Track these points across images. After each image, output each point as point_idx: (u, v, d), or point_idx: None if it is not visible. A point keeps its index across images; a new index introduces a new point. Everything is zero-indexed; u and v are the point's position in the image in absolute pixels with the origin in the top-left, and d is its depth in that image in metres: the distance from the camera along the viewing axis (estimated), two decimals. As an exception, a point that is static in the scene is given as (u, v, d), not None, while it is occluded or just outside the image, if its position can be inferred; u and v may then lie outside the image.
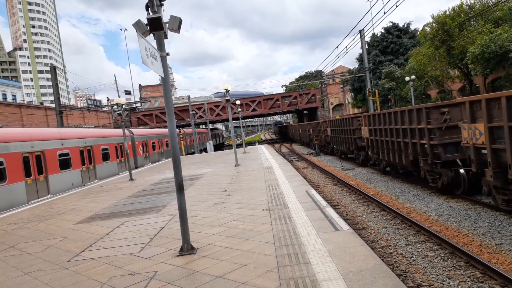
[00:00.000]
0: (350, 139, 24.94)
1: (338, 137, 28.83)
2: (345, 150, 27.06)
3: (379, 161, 19.96)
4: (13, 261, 7.72)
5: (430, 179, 14.21)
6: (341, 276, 5.23)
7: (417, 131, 14.15)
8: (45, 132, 20.86)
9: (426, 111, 13.34)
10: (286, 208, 9.63)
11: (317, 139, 38.40)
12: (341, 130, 27.60)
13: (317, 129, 38.68)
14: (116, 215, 11.35)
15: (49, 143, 19.19)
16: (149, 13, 6.47)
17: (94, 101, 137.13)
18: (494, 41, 27.09)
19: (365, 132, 21.05)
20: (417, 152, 14.40)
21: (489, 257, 7.77)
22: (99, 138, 25.20)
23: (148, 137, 36.62)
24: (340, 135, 27.91)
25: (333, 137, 31.43)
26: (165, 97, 7.06)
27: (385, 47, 55.20)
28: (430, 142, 13.25)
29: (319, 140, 37.82)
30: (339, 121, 28.27)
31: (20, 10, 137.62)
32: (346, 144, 26.05)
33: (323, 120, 37.59)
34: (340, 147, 28.58)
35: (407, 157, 15.40)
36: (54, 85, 36.63)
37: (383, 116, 17.71)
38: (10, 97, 73.74)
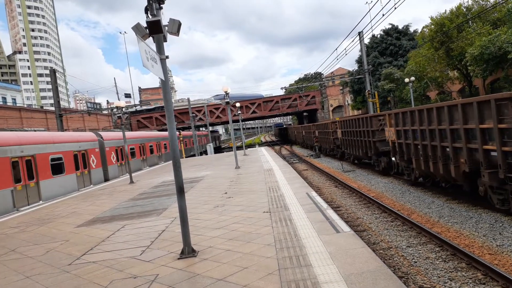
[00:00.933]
0: (367, 142, 20.90)
1: (351, 140, 24.63)
2: (360, 155, 22.97)
3: (409, 171, 16.35)
4: (14, 265, 7.71)
5: (497, 199, 10.27)
6: (342, 278, 5.22)
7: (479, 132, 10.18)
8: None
9: (497, 104, 9.36)
10: (286, 210, 9.62)
11: (317, 141, 38.38)
12: (355, 132, 23.34)
13: (324, 130, 35.29)
14: (117, 218, 11.34)
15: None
16: (148, 16, 6.49)
17: (94, 104, 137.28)
18: (493, 42, 27.14)
19: (391, 134, 17.49)
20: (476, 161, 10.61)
21: (491, 258, 7.76)
22: (47, 144, 19.06)
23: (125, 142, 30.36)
24: (354, 138, 23.62)
25: (344, 140, 26.97)
26: (164, 100, 7.07)
27: (384, 49, 55.31)
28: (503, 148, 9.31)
29: (327, 143, 34.34)
30: (353, 122, 24.07)
31: (20, 14, 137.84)
32: (363, 148, 21.87)
33: (332, 121, 34.62)
34: (354, 152, 24.64)
35: (458, 167, 11.55)
36: (54, 89, 36.66)
37: (419, 113, 13.79)
38: (10, 101, 73.73)
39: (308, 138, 46.69)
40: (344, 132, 26.75)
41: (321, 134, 37.28)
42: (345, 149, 27.51)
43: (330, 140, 32.93)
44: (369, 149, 20.98)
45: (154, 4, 6.50)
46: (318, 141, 38.60)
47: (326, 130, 34.71)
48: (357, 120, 23.25)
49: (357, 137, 23.06)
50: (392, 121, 16.91)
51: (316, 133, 39.36)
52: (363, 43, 40.54)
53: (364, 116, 21.60)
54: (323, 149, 37.78)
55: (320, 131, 38.00)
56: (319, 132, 38.19)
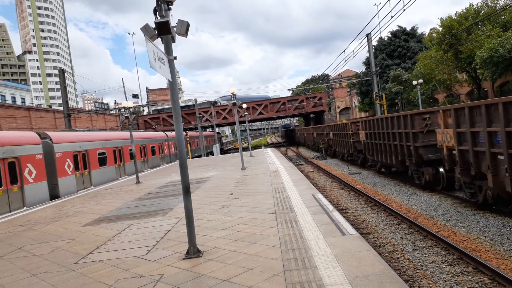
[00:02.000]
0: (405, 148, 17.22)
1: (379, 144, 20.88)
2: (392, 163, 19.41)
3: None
4: (21, 263, 7.78)
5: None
6: (347, 281, 5.20)
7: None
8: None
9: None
10: (292, 212, 9.60)
11: (324, 142, 38.26)
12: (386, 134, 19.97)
13: (342, 132, 30.16)
14: (123, 218, 11.40)
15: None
16: (157, 17, 6.52)
17: (102, 104, 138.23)
18: (502, 45, 26.92)
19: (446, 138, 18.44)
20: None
21: (498, 263, 7.69)
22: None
23: (90, 145, 22.98)
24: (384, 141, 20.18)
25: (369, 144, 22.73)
26: (172, 101, 7.10)
27: (392, 51, 55.09)
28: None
29: (345, 147, 29.48)
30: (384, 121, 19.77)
31: (30, 14, 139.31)
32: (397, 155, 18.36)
33: (353, 121, 29.80)
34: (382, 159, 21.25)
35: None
36: (63, 88, 36.96)
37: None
38: (19, 100, 74.52)
39: (320, 140, 41.41)
40: (370, 135, 22.00)
41: (337, 136, 32.33)
42: (369, 155, 22.77)
43: (349, 144, 27.73)
44: (408, 156, 16.45)
45: (163, 5, 6.54)
46: (331, 144, 36.06)
47: (344, 132, 29.32)
48: (390, 119, 18.39)
49: (389, 141, 18.61)
50: (450, 119, 12.46)
51: (331, 135, 35.43)
52: (371, 45, 40.40)
53: (401, 114, 17.30)
54: (338, 153, 33.44)
55: (335, 133, 33.06)
56: (334, 134, 33.35)
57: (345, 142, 29.37)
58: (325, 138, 37.98)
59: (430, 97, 41.24)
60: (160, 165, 36.37)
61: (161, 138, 39.62)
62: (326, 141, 37.43)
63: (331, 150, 36.39)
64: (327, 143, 35.36)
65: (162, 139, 39.58)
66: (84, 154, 22.22)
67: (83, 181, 21.90)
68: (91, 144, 23.28)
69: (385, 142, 19.16)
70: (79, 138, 22.18)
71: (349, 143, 27.53)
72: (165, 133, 42.84)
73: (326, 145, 36.62)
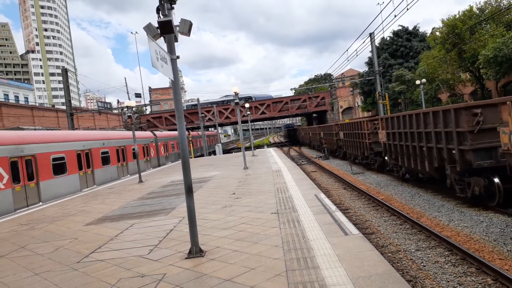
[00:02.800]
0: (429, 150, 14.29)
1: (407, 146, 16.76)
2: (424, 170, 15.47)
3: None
4: (23, 262, 7.80)
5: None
6: (350, 281, 5.18)
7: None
8: None
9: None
10: (295, 212, 9.59)
11: (326, 142, 38.18)
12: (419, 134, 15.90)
13: (354, 131, 26.27)
14: (126, 217, 11.41)
15: None
16: (159, 17, 6.52)
17: (105, 104, 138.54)
18: (506, 44, 26.80)
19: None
20: None
21: (501, 263, 7.65)
22: None
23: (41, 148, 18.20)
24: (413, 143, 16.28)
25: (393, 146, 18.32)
26: (175, 100, 7.10)
27: (394, 50, 54.95)
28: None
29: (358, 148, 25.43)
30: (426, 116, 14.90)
31: (33, 14, 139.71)
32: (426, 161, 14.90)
33: (370, 118, 24.57)
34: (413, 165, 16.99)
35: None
36: (66, 88, 37.05)
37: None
38: (22, 99, 74.73)
39: (331, 141, 36.22)
40: (392, 134, 17.95)
41: (349, 137, 28.47)
42: (391, 158, 18.77)
43: (363, 145, 24.00)
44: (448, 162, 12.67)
45: (165, 4, 6.53)
46: (340, 145, 33.23)
47: (357, 132, 25.31)
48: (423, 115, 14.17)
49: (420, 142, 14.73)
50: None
51: (341, 134, 31.54)
52: (374, 44, 40.31)
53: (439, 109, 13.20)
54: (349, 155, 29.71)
55: (347, 133, 29.07)
56: (346, 134, 29.56)
57: (359, 143, 25.18)
58: (333, 138, 34.35)
59: (433, 96, 41.11)
60: (145, 170, 30.22)
61: (147, 138, 33.99)
62: (335, 141, 33.94)
63: (340, 152, 32.97)
64: (336, 144, 31.91)
65: (148, 140, 33.86)
66: (29, 160, 17.31)
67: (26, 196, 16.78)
68: (43, 147, 18.45)
69: (414, 144, 15.41)
70: (20, 140, 17.15)
71: (364, 144, 23.77)
72: (153, 132, 37.86)
73: (335, 146, 33.36)
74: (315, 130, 52.12)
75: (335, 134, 33.11)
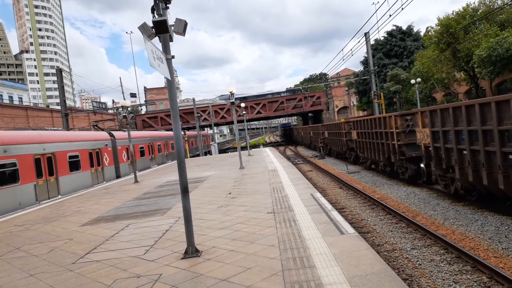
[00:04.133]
0: None
1: None
2: None
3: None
4: (18, 263, 7.75)
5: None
6: (346, 280, 5.19)
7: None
8: None
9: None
10: (291, 211, 9.60)
11: (322, 141, 38.26)
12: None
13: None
14: (121, 218, 11.37)
15: None
16: (154, 16, 6.49)
17: (100, 104, 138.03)
18: (500, 44, 26.96)
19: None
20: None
21: (496, 261, 7.70)
22: None
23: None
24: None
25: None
26: (170, 100, 7.08)
27: (389, 50, 55.14)
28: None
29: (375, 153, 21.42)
30: None
31: (27, 14, 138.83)
32: None
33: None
34: None
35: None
36: (60, 88, 36.86)
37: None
38: (17, 99, 74.33)
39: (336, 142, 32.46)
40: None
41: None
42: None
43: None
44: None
45: (160, 3, 6.51)
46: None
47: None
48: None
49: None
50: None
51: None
52: (369, 44, 40.42)
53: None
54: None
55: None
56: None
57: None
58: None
59: (428, 96, 41.29)
60: (91, 185, 22.60)
61: (98, 141, 24.76)
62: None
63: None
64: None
65: (99, 144, 24.66)
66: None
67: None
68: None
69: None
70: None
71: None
72: (110, 133, 27.77)
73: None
74: (306, 130, 51.81)
75: (345, 133, 29.82)
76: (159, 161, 37.97)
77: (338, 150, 31.03)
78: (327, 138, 36.56)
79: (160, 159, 38.35)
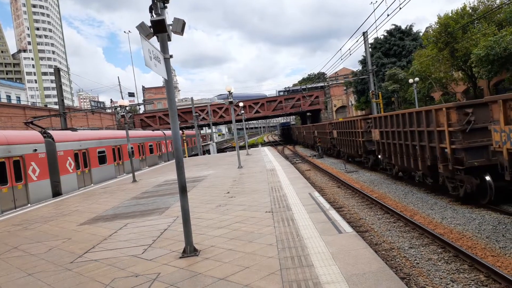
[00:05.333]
0: None
1: None
2: None
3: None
4: (16, 262, 7.74)
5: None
6: (344, 279, 5.21)
7: None
8: None
9: None
10: (289, 211, 9.61)
11: (320, 141, 38.25)
12: None
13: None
14: (119, 217, 11.37)
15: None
16: (152, 16, 6.49)
17: (98, 103, 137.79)
18: (498, 43, 27.00)
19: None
20: None
21: (493, 260, 7.72)
22: None
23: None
24: None
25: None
26: (168, 99, 7.08)
27: (387, 49, 55.19)
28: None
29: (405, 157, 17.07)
30: None
31: (25, 13, 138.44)
32: None
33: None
34: None
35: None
36: (58, 87, 36.76)
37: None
38: (14, 99, 74.18)
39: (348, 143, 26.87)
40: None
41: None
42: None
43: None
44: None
45: (158, 3, 6.51)
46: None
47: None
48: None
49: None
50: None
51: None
52: (368, 43, 40.45)
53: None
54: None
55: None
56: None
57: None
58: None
59: (426, 95, 41.34)
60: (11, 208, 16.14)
61: (17, 146, 17.17)
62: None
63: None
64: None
65: (20, 149, 17.23)
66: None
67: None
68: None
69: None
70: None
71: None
72: (46, 133, 20.58)
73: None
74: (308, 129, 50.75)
75: (329, 133, 28.63)
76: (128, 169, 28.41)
77: (350, 153, 25.55)
78: (335, 138, 31.45)
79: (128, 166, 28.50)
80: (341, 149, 29.23)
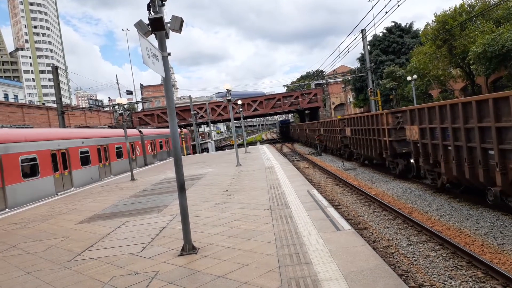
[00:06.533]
0: None
1: None
2: None
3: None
4: (15, 261, 7.74)
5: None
6: (342, 276, 5.22)
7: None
8: None
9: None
10: (287, 208, 9.62)
11: (319, 138, 38.26)
12: None
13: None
14: (118, 215, 11.36)
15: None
16: (150, 13, 6.48)
17: (96, 101, 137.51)
18: (496, 40, 27.03)
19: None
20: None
21: (491, 257, 7.76)
22: None
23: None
24: None
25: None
26: (166, 97, 7.07)
27: (386, 47, 55.17)
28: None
29: None
30: None
31: (22, 11, 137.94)
32: None
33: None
34: None
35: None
36: (56, 85, 36.67)
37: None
38: (12, 97, 73.98)
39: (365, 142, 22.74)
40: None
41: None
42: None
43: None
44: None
45: (156, 1, 6.49)
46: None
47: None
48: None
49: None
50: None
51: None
52: (366, 40, 40.45)
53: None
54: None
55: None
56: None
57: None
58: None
59: (424, 92, 41.39)
60: None
61: None
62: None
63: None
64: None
65: None
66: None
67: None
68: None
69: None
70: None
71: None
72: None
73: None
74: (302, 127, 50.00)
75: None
76: None
77: (369, 155, 22.67)
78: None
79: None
80: (355, 150, 25.13)
